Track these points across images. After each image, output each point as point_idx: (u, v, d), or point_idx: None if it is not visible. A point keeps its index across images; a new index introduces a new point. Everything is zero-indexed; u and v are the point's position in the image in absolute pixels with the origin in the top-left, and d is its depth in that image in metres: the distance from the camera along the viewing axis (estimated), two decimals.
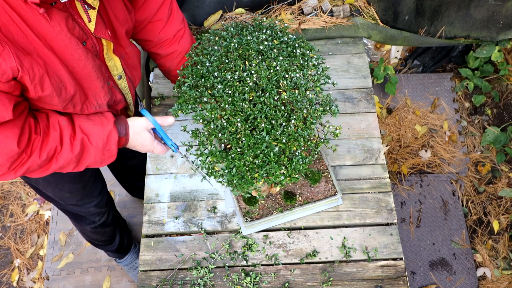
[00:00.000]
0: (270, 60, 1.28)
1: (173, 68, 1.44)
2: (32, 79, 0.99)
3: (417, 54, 2.67)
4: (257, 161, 1.20)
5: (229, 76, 1.25)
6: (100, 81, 1.17)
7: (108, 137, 1.17)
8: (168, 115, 1.64)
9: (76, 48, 1.05)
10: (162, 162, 1.64)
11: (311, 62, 1.33)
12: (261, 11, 2.00)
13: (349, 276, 1.46)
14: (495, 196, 2.45)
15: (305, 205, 1.49)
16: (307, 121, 1.25)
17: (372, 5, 2.04)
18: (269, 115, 1.21)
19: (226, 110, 1.21)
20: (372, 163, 1.64)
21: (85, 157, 1.16)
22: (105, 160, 1.20)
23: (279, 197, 1.51)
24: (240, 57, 1.29)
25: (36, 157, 1.08)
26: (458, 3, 2.11)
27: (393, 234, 1.52)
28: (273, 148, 1.20)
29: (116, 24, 1.18)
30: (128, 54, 1.28)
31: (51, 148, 1.09)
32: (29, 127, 1.06)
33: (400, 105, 2.65)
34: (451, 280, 2.25)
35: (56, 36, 1.00)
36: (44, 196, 1.57)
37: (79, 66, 1.09)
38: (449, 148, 2.55)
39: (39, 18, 0.97)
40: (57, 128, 1.11)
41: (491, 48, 2.35)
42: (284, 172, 1.21)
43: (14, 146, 1.02)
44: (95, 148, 1.16)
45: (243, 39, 1.31)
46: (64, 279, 2.27)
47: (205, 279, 1.46)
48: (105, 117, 1.19)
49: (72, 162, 1.14)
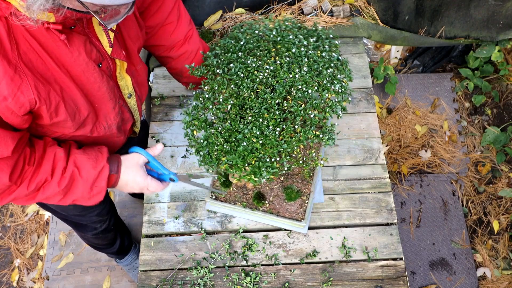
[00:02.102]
0: (296, 66, 1.27)
1: (185, 69, 1.44)
2: (48, 108, 0.99)
3: (417, 54, 2.67)
4: (227, 146, 1.22)
5: (249, 61, 1.26)
6: (112, 102, 1.17)
7: (99, 173, 1.13)
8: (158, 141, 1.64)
9: (92, 71, 1.05)
10: (162, 162, 1.64)
11: (336, 87, 1.30)
12: (261, 11, 2.00)
13: (349, 276, 1.46)
14: (495, 196, 2.45)
15: (267, 214, 1.47)
16: (295, 137, 1.24)
17: (372, 5, 2.04)
18: (261, 113, 1.22)
19: (230, 89, 1.23)
20: (372, 163, 1.64)
21: (73, 191, 1.12)
22: (93, 197, 1.15)
23: (251, 194, 1.51)
24: (271, 49, 1.29)
25: (25, 188, 1.06)
26: (458, 3, 2.11)
27: (393, 234, 1.52)
28: (242, 141, 1.21)
29: (129, 42, 1.18)
30: (138, 72, 1.28)
31: (40, 179, 1.07)
32: (23, 159, 1.04)
33: (400, 105, 2.65)
34: (451, 280, 2.25)
35: (74, 61, 1.00)
36: (45, 207, 1.57)
37: (93, 89, 1.08)
38: (449, 148, 2.55)
39: (59, 44, 0.96)
40: (51, 160, 1.08)
41: (491, 48, 2.35)
42: (247, 169, 1.21)
43: (5, 179, 1.01)
44: (84, 182, 1.12)
45: (285, 35, 1.32)
46: (64, 279, 2.27)
47: (205, 279, 1.46)
48: (100, 152, 1.16)
49: (58, 194, 1.11)
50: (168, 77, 1.83)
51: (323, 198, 1.56)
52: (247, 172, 1.23)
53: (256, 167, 1.22)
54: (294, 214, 1.47)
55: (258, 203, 1.48)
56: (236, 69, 1.26)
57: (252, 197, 1.49)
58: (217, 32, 1.92)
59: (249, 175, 1.23)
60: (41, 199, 1.11)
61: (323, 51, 1.33)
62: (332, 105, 1.29)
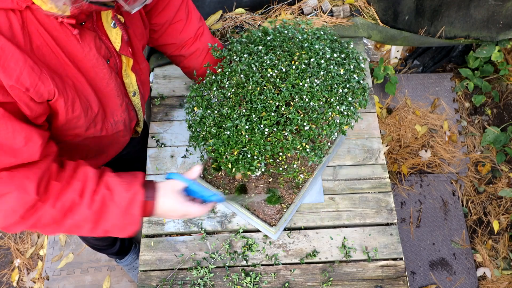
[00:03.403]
0: (308, 75, 1.25)
1: (198, 67, 1.43)
2: (66, 101, 0.98)
3: (417, 54, 2.67)
4: (214, 130, 1.24)
5: (266, 57, 1.26)
6: (120, 98, 1.17)
7: (133, 197, 1.03)
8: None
9: (102, 67, 1.05)
10: (162, 162, 1.64)
11: (342, 108, 1.26)
12: (261, 11, 2.00)
13: (349, 276, 1.46)
14: (495, 196, 2.45)
15: (242, 208, 1.47)
16: (282, 144, 1.22)
17: (372, 5, 2.04)
18: (258, 110, 1.22)
19: (237, 78, 1.25)
20: (372, 163, 1.64)
21: (105, 217, 1.02)
22: (127, 226, 1.04)
23: (236, 185, 1.51)
24: (294, 53, 1.29)
25: (50, 206, 0.96)
26: (458, 3, 2.11)
27: (393, 234, 1.52)
28: (228, 129, 1.22)
29: (135, 40, 1.18)
30: (142, 70, 1.28)
31: (67, 198, 0.98)
32: (49, 173, 0.98)
33: (400, 105, 2.65)
34: (451, 280, 2.25)
35: (85, 56, 1.00)
36: None
37: (102, 85, 1.08)
38: (449, 148, 2.55)
39: (71, 39, 0.96)
40: (81, 179, 1.01)
41: (491, 48, 2.35)
42: (228, 158, 1.23)
43: (32, 190, 0.93)
44: (117, 207, 1.01)
45: (313, 43, 1.30)
46: (64, 279, 2.27)
47: (205, 279, 1.46)
48: (134, 176, 1.07)
49: (89, 220, 1.00)
50: (168, 77, 1.83)
51: (323, 198, 1.56)
52: (226, 160, 1.23)
53: (236, 158, 1.22)
54: (268, 217, 1.46)
55: (238, 195, 1.49)
56: (251, 61, 1.26)
57: (236, 188, 1.50)
58: (217, 32, 1.92)
59: (227, 164, 1.23)
60: (69, 226, 1.00)
61: (346, 70, 1.30)
62: (332, 125, 1.25)
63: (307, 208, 1.55)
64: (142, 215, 1.05)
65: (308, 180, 1.49)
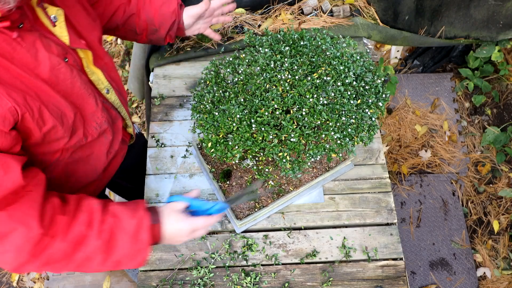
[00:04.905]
0: (318, 93, 1.23)
1: (152, 14, 1.35)
2: (32, 115, 0.93)
3: (417, 54, 2.67)
4: (208, 106, 1.29)
5: (288, 59, 1.27)
6: (92, 97, 1.12)
7: (140, 222, 1.01)
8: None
9: (59, 67, 1.00)
10: (162, 162, 1.64)
11: (336, 136, 1.21)
12: (261, 11, 2.00)
13: (349, 276, 1.46)
14: (495, 196, 2.45)
15: (220, 191, 1.47)
16: (265, 144, 1.21)
17: (372, 5, 2.04)
18: (255, 104, 1.23)
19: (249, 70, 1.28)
20: (372, 163, 1.64)
21: (115, 246, 1.00)
22: (136, 254, 1.02)
23: (224, 168, 1.51)
24: (320, 65, 1.28)
25: (60, 241, 0.94)
26: (458, 3, 2.11)
27: (393, 234, 1.52)
28: (217, 111, 1.26)
29: (84, 32, 1.14)
30: (107, 66, 1.24)
31: (76, 231, 0.96)
32: (52, 207, 0.96)
33: (400, 105, 2.65)
34: (451, 280, 2.25)
35: (35, 60, 0.95)
36: None
37: (67, 86, 1.03)
38: (449, 148, 2.55)
39: (14, 46, 0.91)
40: (87, 211, 0.99)
41: (491, 48, 2.35)
42: (212, 138, 1.24)
43: (35, 224, 0.90)
44: (126, 234, 1.00)
45: (343, 62, 1.28)
46: (64, 279, 2.27)
47: (205, 279, 1.46)
48: (136, 203, 1.07)
49: (100, 251, 0.99)
50: (168, 77, 1.83)
51: (323, 198, 1.56)
52: (207, 139, 1.24)
53: (217, 140, 1.23)
54: (238, 210, 1.46)
55: (222, 178, 1.49)
56: (274, 58, 1.27)
57: (222, 171, 1.50)
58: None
59: (207, 142, 1.24)
60: (80, 259, 0.98)
61: (362, 103, 1.25)
62: (320, 147, 1.22)
63: (307, 208, 1.55)
64: (151, 240, 1.04)
65: (290, 193, 1.48)
